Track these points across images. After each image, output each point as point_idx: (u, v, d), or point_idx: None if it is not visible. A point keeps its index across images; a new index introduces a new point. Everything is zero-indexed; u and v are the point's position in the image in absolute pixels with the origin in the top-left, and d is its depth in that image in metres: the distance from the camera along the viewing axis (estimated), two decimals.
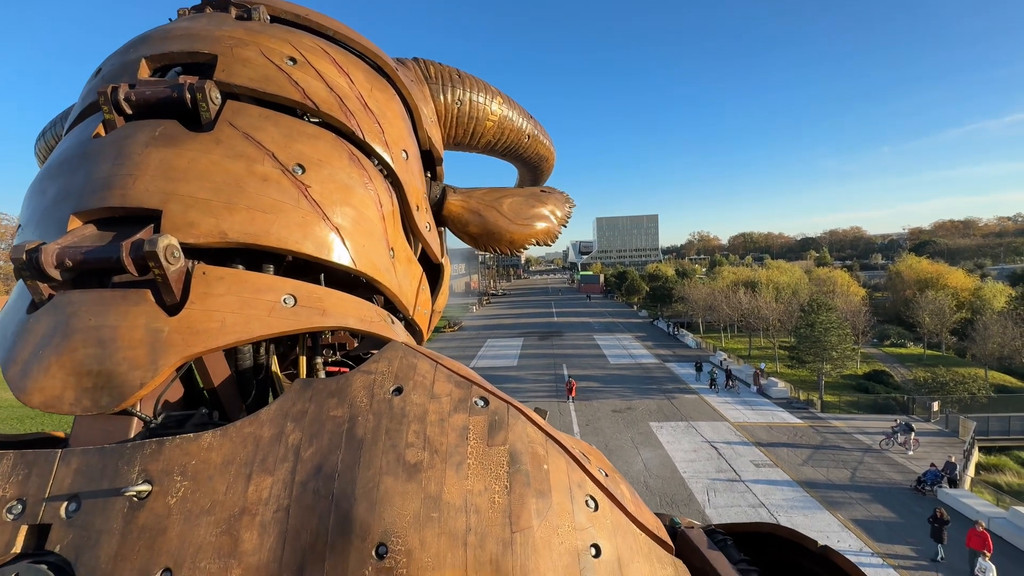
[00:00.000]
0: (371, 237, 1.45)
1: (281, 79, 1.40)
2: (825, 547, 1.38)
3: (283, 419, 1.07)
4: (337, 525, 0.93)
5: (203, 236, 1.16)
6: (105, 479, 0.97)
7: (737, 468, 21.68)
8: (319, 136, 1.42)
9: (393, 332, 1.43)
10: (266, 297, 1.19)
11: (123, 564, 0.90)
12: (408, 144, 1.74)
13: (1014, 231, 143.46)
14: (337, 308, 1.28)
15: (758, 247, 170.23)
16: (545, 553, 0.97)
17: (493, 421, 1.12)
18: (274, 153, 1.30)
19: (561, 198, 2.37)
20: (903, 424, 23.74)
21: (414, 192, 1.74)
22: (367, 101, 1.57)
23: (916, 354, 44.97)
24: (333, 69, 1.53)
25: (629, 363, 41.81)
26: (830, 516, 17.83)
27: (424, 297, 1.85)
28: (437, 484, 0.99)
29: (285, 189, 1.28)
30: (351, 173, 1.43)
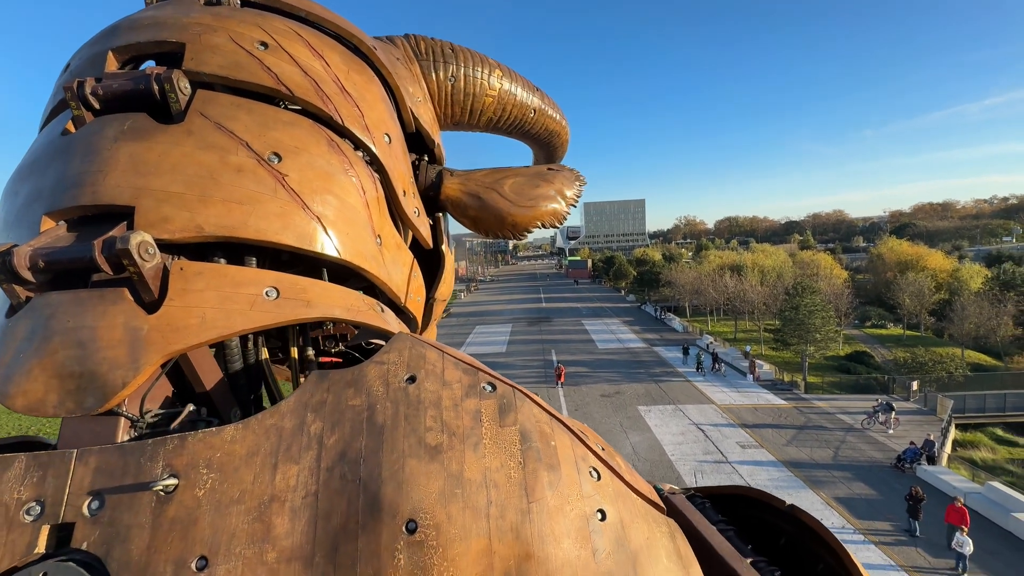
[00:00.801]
0: (355, 225, 1.42)
1: (252, 65, 1.35)
2: (792, 506, 1.52)
3: (303, 410, 1.10)
4: (367, 506, 0.98)
5: (178, 231, 1.14)
6: (128, 476, 0.99)
7: (724, 450, 22.02)
8: (295, 123, 1.38)
9: (383, 321, 1.41)
10: (247, 291, 1.17)
11: (157, 555, 0.93)
12: (391, 127, 1.68)
13: (990, 213, 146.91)
14: (322, 299, 1.27)
15: (743, 231, 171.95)
16: (559, 519, 1.07)
17: (502, 404, 1.19)
18: (248, 142, 1.26)
19: (570, 176, 2.21)
20: (884, 404, 24.30)
21: (399, 177, 1.68)
22: (344, 84, 1.52)
23: (896, 335, 46.00)
24: (307, 52, 1.47)
25: (617, 348, 42.10)
26: (814, 495, 18.24)
27: (417, 284, 1.82)
28: (458, 463, 1.06)
29: (261, 179, 1.25)
30: (330, 160, 1.39)
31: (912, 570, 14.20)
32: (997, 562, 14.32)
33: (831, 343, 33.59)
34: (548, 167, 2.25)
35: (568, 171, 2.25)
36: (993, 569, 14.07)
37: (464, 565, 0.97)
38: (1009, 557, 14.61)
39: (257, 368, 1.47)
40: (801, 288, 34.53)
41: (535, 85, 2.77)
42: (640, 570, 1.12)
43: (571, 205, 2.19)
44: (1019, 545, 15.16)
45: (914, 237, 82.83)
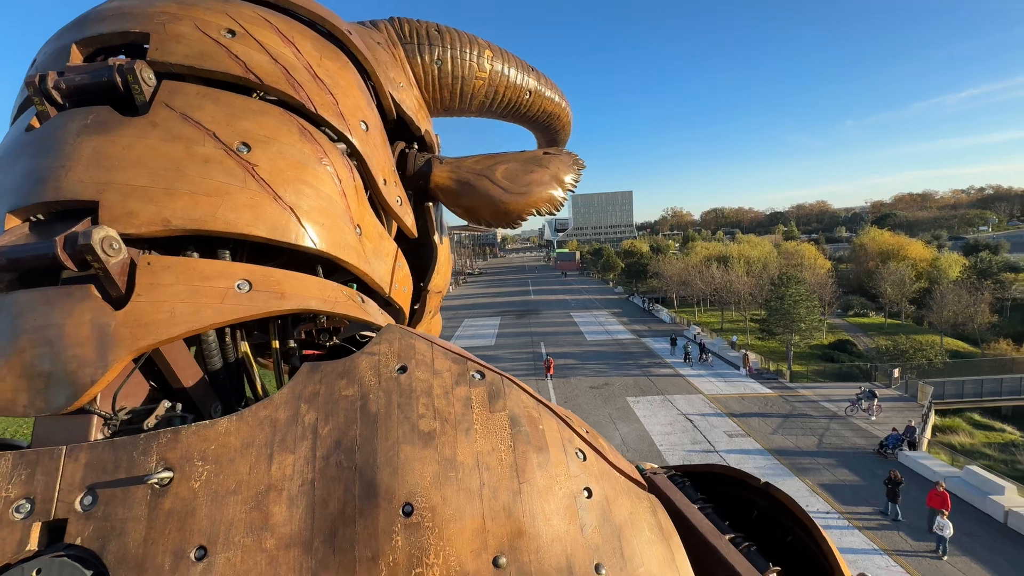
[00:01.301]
0: (331, 215, 1.38)
1: (219, 54, 1.32)
2: (767, 483, 1.58)
3: (297, 401, 1.11)
4: (363, 491, 1.01)
5: (144, 225, 1.12)
6: (121, 470, 0.99)
7: (711, 439, 22.25)
8: (265, 112, 1.34)
9: (364, 312, 1.40)
10: (218, 284, 1.15)
11: (155, 547, 0.93)
12: (368, 115, 1.64)
13: (967, 203, 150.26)
14: (297, 290, 1.25)
15: (729, 222, 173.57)
16: (548, 498, 1.12)
17: (492, 391, 1.23)
18: (215, 132, 1.24)
19: (566, 160, 2.10)
20: (867, 391, 24.77)
21: (379, 165, 1.65)
22: (317, 71, 1.48)
23: (878, 323, 46.94)
24: (277, 39, 1.43)
25: (606, 339, 42.27)
26: (799, 482, 18.53)
27: (402, 275, 1.79)
28: (451, 448, 1.10)
29: (230, 170, 1.22)
30: (303, 149, 1.36)
31: (895, 554, 14.51)
32: (975, 544, 14.71)
33: (815, 332, 34.13)
34: (544, 151, 2.13)
35: (566, 155, 2.13)
36: (972, 551, 14.45)
37: (459, 544, 1.01)
38: (986, 539, 15.00)
39: (238, 362, 1.44)
40: (786, 279, 34.95)
41: (531, 66, 2.64)
42: (624, 542, 1.19)
43: (569, 190, 2.07)
44: (996, 526, 15.59)
45: (895, 227, 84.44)
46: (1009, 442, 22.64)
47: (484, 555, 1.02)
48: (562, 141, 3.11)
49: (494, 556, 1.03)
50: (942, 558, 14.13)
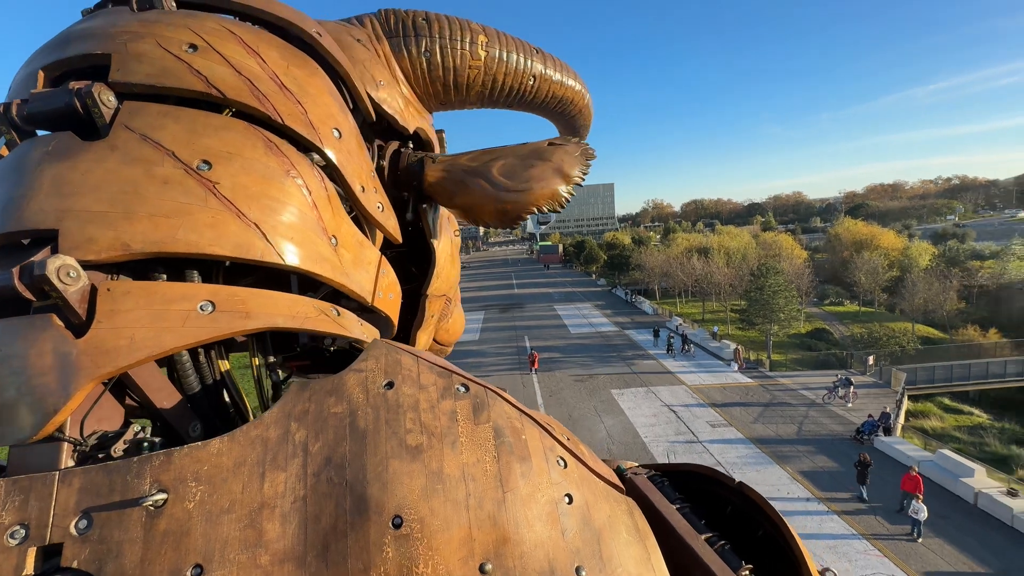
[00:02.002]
0: (300, 229, 1.37)
1: (180, 70, 1.30)
2: (740, 483, 1.69)
3: (287, 419, 1.14)
4: (354, 506, 1.04)
5: (104, 251, 1.12)
6: (116, 493, 1.00)
7: (695, 430, 22.54)
8: (228, 127, 1.33)
9: (338, 326, 1.40)
10: (179, 307, 1.15)
11: (152, 567, 0.95)
12: (340, 121, 1.60)
13: (935, 193, 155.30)
14: (263, 308, 1.25)
15: (709, 213, 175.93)
16: (531, 505, 1.17)
17: (476, 403, 1.27)
18: (175, 152, 1.23)
19: (572, 150, 1.93)
20: (843, 379, 25.38)
21: (355, 173, 1.62)
22: (283, 80, 1.46)
23: (853, 311, 48.19)
24: (241, 50, 1.41)
25: (589, 332, 42.47)
26: (780, 470, 18.90)
27: (387, 282, 1.77)
28: (437, 461, 1.13)
29: (189, 189, 1.21)
30: (268, 163, 1.34)
31: (872, 538, 14.90)
32: (948, 526, 15.20)
33: (794, 322, 34.79)
34: (549, 142, 1.97)
35: (572, 144, 1.96)
36: (945, 532, 14.93)
37: (447, 553, 1.05)
38: (959, 520, 15.52)
39: (219, 381, 1.43)
40: (766, 269, 35.51)
41: (536, 48, 2.44)
42: (603, 545, 1.24)
43: (576, 184, 1.92)
44: (967, 508, 16.14)
45: (867, 217, 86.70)
46: (977, 425, 23.48)
47: (471, 562, 1.07)
48: (582, 127, 2.89)
49: (480, 563, 1.07)
50: (917, 540, 14.57)
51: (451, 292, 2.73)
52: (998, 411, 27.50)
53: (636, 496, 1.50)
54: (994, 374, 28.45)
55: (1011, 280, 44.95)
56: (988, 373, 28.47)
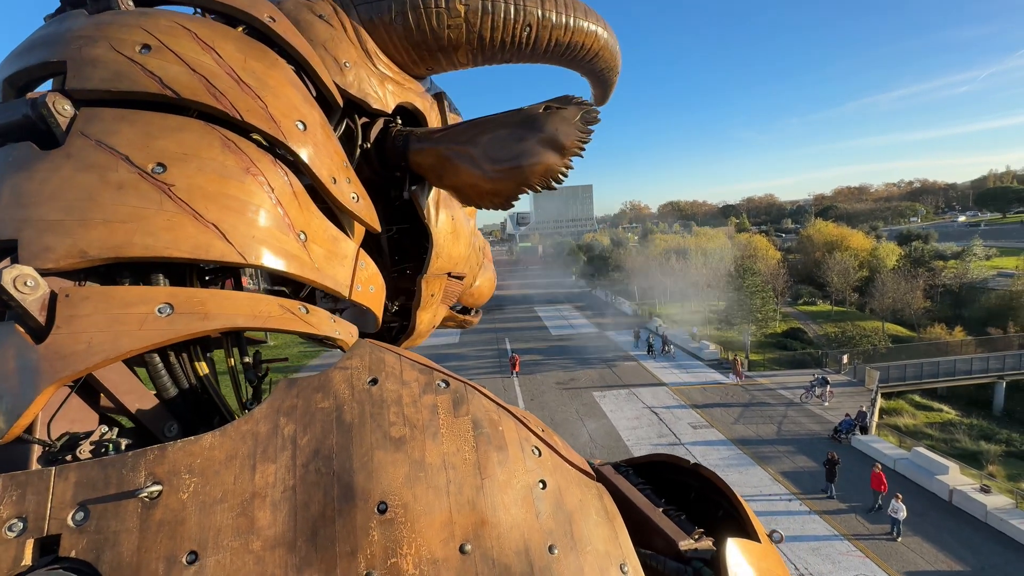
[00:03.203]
0: (262, 227, 1.35)
1: (134, 72, 1.30)
2: (696, 464, 1.90)
3: (276, 415, 1.19)
4: (341, 494, 1.11)
5: (62, 259, 1.14)
6: (111, 486, 1.04)
7: (677, 432, 22.48)
8: (183, 128, 1.32)
9: (305, 324, 1.39)
10: (137, 310, 1.17)
11: (148, 555, 1.00)
12: (305, 112, 1.55)
13: (899, 195, 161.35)
14: (223, 309, 1.25)
15: (685, 215, 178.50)
16: (508, 491, 1.25)
17: (456, 398, 1.35)
18: (129, 156, 1.23)
19: (569, 116, 1.70)
20: (820, 378, 25.76)
21: (324, 165, 1.57)
22: (241, 75, 1.43)
23: (825, 311, 49.31)
24: (195, 46, 1.39)
25: (570, 333, 42.32)
26: (762, 471, 18.93)
27: (367, 275, 1.73)
28: (420, 451, 1.21)
29: (144, 193, 1.22)
30: (225, 161, 1.33)
31: (853, 538, 14.97)
32: (925, 523, 15.39)
33: (771, 322, 35.28)
34: (546, 105, 1.74)
35: (571, 108, 1.71)
36: (922, 530, 15.10)
37: (430, 535, 1.13)
38: (935, 518, 15.75)
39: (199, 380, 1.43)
40: (743, 270, 35.93)
41: None
42: (575, 526, 1.32)
43: (574, 155, 1.69)
44: (942, 505, 16.41)
45: (836, 219, 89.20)
46: (947, 421, 24.10)
47: (452, 543, 1.14)
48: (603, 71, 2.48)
49: (460, 544, 1.15)
50: (896, 539, 14.69)
51: (459, 268, 2.63)
52: (965, 407, 28.38)
53: (603, 483, 1.59)
54: (961, 371, 29.35)
55: (972, 279, 46.73)
56: (956, 370, 29.35)
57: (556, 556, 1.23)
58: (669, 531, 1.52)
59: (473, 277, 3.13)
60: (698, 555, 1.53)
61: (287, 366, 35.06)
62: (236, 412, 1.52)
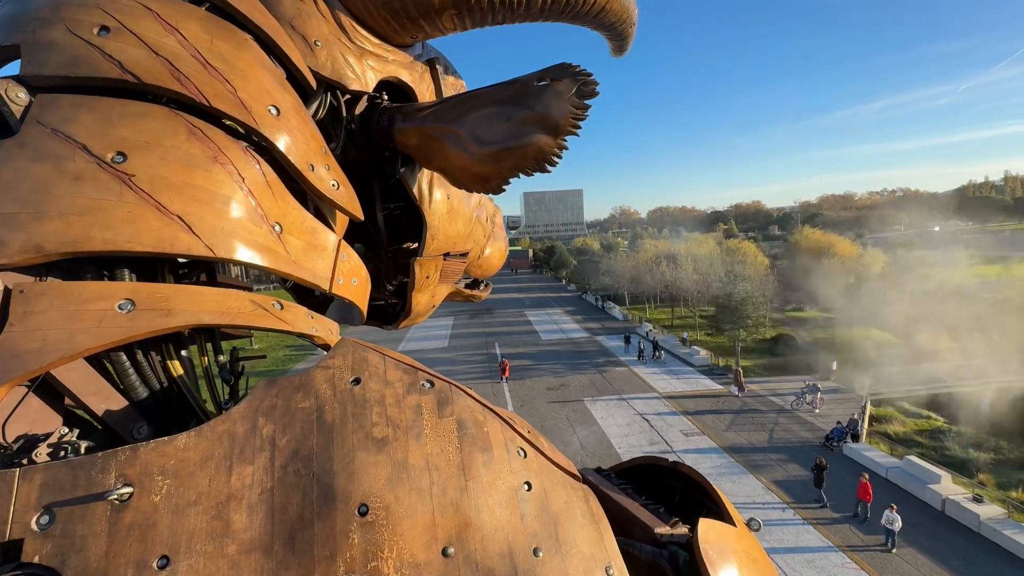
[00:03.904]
0: (232, 218, 1.29)
1: (92, 57, 1.23)
2: (675, 462, 2.00)
3: (254, 415, 1.16)
4: (321, 496, 1.08)
5: (17, 254, 1.09)
6: (79, 488, 1.00)
7: (668, 439, 22.20)
8: (146, 115, 1.25)
9: (276, 320, 1.34)
10: (95, 307, 1.12)
11: (116, 560, 0.96)
12: (278, 96, 1.47)
13: (882, 204, 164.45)
14: (187, 305, 1.21)
15: (674, 220, 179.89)
16: (492, 492, 1.25)
17: (440, 398, 1.34)
18: (87, 145, 1.17)
19: (564, 90, 1.57)
20: (811, 385, 25.70)
21: (299, 151, 1.49)
22: (208, 58, 1.35)
23: (814, 317, 49.60)
24: (157, 27, 1.31)
25: (561, 338, 41.99)
26: (755, 480, 18.70)
27: (349, 267, 1.65)
28: (402, 452, 1.19)
29: (103, 184, 1.16)
30: (190, 150, 1.27)
31: (848, 549, 14.75)
32: (919, 534, 15.23)
33: (761, 328, 35.26)
34: (540, 75, 1.59)
35: (566, 80, 1.55)
36: (917, 541, 14.93)
37: (412, 538, 1.10)
38: (929, 527, 15.60)
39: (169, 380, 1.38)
40: (734, 276, 35.90)
41: None
42: (560, 528, 1.31)
43: (569, 134, 1.56)
44: (936, 515, 16.29)
45: (822, 226, 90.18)
46: (936, 429, 24.11)
47: (434, 546, 1.12)
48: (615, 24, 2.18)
49: (443, 547, 1.13)
50: (891, 551, 14.50)
51: (459, 247, 2.54)
52: (951, 413, 28.54)
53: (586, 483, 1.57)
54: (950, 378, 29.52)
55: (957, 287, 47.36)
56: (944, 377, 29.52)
57: (541, 559, 1.23)
58: (646, 519, 1.58)
59: (480, 249, 3.05)
60: (674, 539, 1.59)
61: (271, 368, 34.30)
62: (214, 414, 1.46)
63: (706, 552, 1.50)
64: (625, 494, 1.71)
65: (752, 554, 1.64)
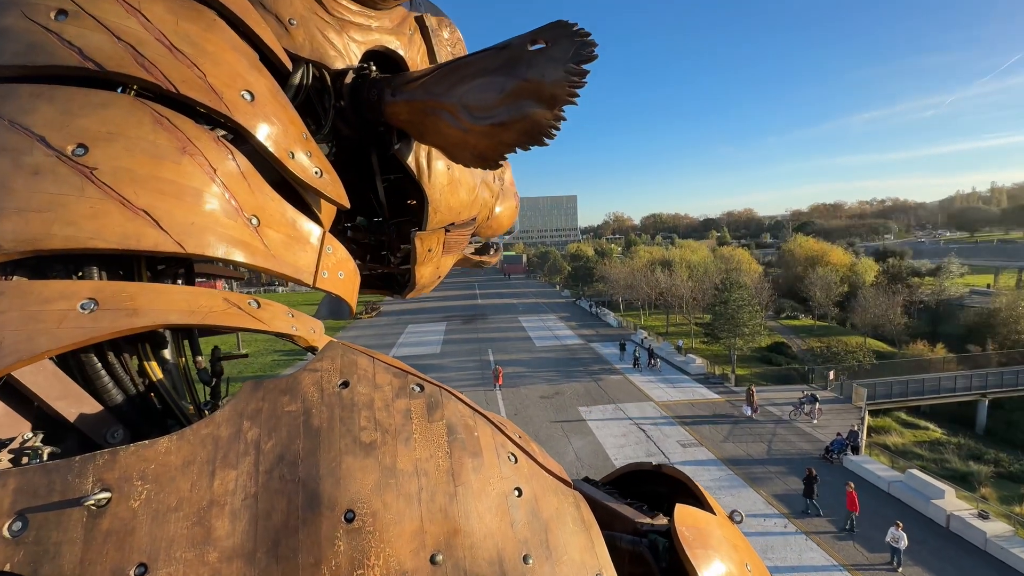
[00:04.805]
0: (203, 212, 1.24)
1: (50, 44, 1.17)
2: (659, 464, 2.01)
3: (239, 418, 1.13)
4: (306, 502, 1.05)
5: None
6: (55, 493, 0.98)
7: (666, 450, 21.66)
8: (109, 104, 1.19)
9: (251, 320, 1.28)
10: (56, 307, 1.08)
11: (92, 568, 0.93)
12: (252, 80, 1.41)
13: (871, 213, 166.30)
14: (154, 304, 1.16)
15: (667, 227, 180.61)
16: (482, 498, 1.22)
17: (430, 402, 1.30)
18: (45, 137, 1.13)
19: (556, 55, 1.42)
20: (809, 396, 25.33)
21: (278, 138, 1.44)
22: (173, 41, 1.29)
23: (808, 325, 49.57)
24: (119, 9, 1.26)
25: (555, 345, 41.44)
26: (755, 493, 18.20)
27: (335, 260, 1.60)
28: (391, 457, 1.16)
29: (63, 178, 1.11)
30: (157, 140, 1.22)
31: (853, 568, 14.26)
32: (924, 551, 14.78)
33: (757, 336, 34.95)
34: (533, 37, 1.47)
35: (560, 43, 1.42)
36: (922, 559, 14.48)
37: (399, 545, 1.08)
38: (934, 544, 15.17)
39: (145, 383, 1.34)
40: (730, 283, 35.62)
41: None
42: (551, 535, 1.29)
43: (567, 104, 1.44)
44: (941, 532, 15.86)
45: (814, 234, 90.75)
46: (935, 440, 23.83)
47: (422, 554, 1.10)
48: None
49: (431, 554, 1.11)
50: (897, 570, 14.04)
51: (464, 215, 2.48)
52: (948, 424, 28.34)
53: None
54: (945, 389, 29.37)
55: (949, 297, 47.54)
56: (940, 388, 29.36)
57: (531, 566, 1.22)
58: (627, 513, 1.60)
59: (489, 209, 3.00)
60: (654, 528, 1.63)
61: (259, 373, 33.42)
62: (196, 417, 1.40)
63: (683, 534, 1.52)
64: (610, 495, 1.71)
65: (733, 541, 1.64)
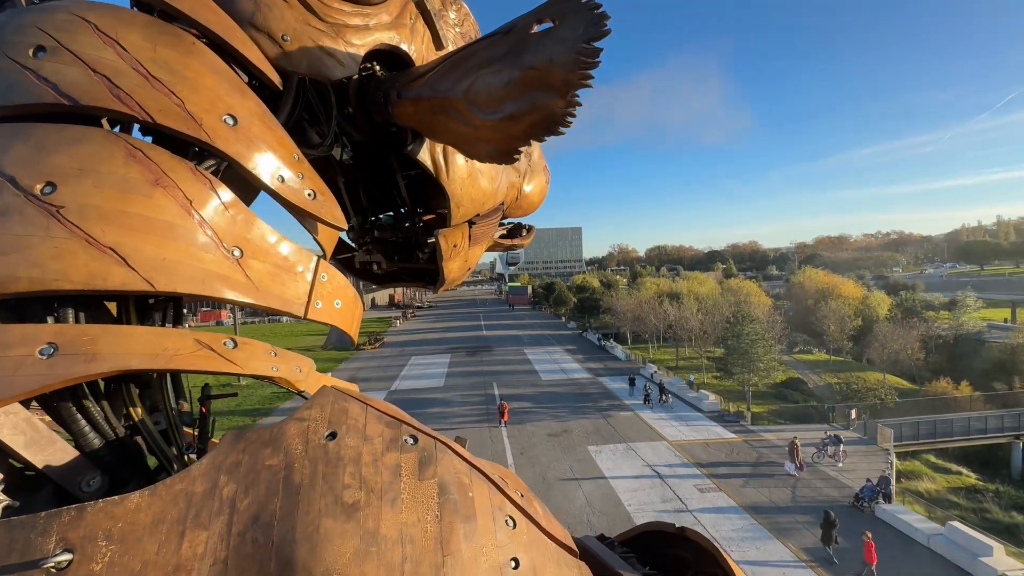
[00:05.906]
0: (175, 246, 1.19)
1: (27, 82, 1.16)
2: (681, 528, 1.81)
3: (216, 472, 1.08)
4: (278, 570, 0.98)
5: None
6: (15, 554, 0.93)
7: (683, 496, 20.28)
8: (82, 139, 1.18)
9: (224, 362, 1.23)
10: (15, 352, 1.05)
11: None
12: (234, 103, 1.37)
13: (877, 246, 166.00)
14: (116, 348, 1.11)
15: (671, 259, 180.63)
16: (473, 570, 1.12)
17: (423, 457, 1.22)
18: (15, 177, 1.11)
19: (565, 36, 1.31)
20: (833, 437, 23.95)
21: (264, 163, 1.40)
22: (149, 68, 1.26)
23: (823, 360, 48.14)
24: (95, 41, 1.24)
25: (562, 379, 40.19)
26: (782, 547, 16.77)
27: (330, 288, 1.53)
28: (374, 520, 1.08)
29: (29, 219, 1.09)
30: (128, 174, 1.18)
31: None
32: None
33: (773, 372, 33.70)
34: (537, 18, 1.39)
35: (567, 24, 1.31)
36: None
37: None
38: None
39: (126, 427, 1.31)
40: (742, 317, 34.66)
41: None
42: None
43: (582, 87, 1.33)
44: None
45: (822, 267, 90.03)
46: (970, 487, 22.27)
47: None
48: None
49: None
50: None
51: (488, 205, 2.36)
52: (981, 469, 26.67)
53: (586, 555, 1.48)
54: (976, 430, 27.79)
55: (967, 331, 46.21)
56: (970, 429, 27.80)
57: None
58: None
59: (517, 190, 2.89)
60: None
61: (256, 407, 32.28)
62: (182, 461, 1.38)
63: None
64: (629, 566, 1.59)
65: None
